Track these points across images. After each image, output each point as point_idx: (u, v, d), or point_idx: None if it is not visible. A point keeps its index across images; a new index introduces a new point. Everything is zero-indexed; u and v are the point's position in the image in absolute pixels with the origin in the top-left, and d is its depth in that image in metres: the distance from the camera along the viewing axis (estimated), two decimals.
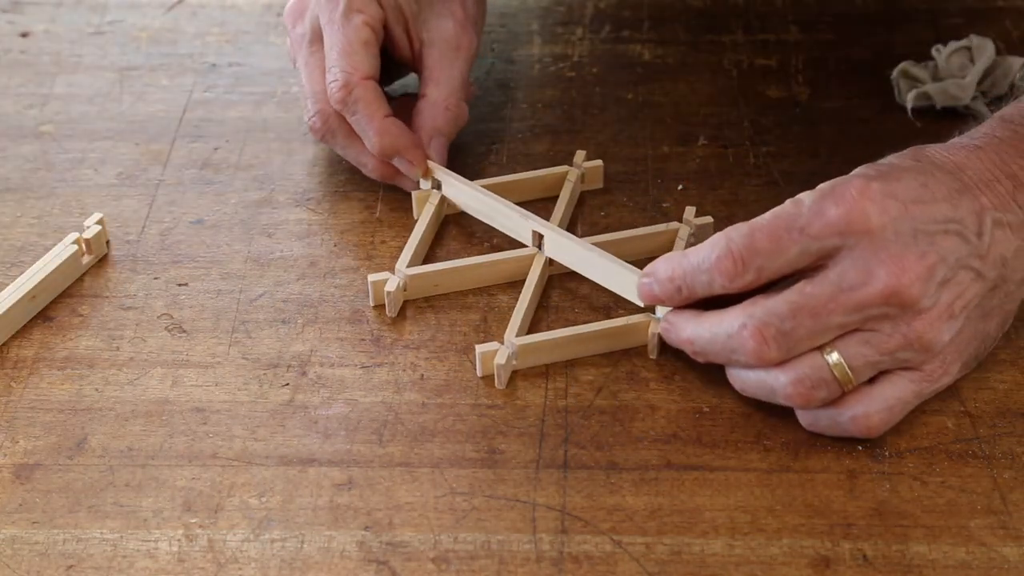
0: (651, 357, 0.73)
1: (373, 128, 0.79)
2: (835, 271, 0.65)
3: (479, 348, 0.72)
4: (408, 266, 0.76)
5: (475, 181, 0.80)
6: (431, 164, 0.81)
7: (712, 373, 0.72)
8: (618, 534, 0.65)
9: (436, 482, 0.67)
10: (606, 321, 0.73)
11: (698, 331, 0.68)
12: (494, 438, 0.69)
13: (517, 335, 0.72)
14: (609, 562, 0.63)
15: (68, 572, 0.63)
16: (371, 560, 0.64)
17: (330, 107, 0.80)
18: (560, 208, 0.80)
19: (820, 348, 0.66)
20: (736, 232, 0.66)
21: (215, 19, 0.99)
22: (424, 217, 0.79)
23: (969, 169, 0.67)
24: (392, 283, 0.75)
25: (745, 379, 0.68)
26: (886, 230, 0.64)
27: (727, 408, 0.70)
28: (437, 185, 0.81)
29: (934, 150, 0.68)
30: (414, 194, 0.81)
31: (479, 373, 0.72)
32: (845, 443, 0.68)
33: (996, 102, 0.87)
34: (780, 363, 0.66)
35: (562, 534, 0.65)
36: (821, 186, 0.66)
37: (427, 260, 0.78)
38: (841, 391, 0.66)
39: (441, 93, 0.81)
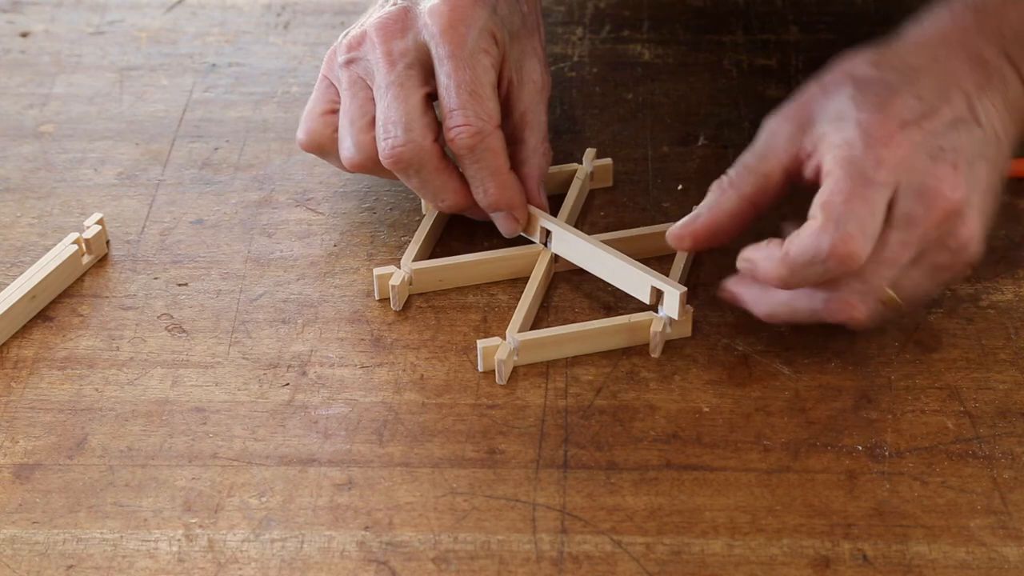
0: (653, 356, 0.73)
1: (496, 182, 0.75)
2: (901, 211, 0.68)
3: (481, 343, 0.72)
4: (413, 260, 0.76)
5: None
6: None
7: (712, 372, 0.72)
8: (618, 534, 0.65)
9: (436, 482, 0.67)
10: (608, 318, 0.73)
11: (807, 307, 0.70)
12: (494, 438, 0.69)
13: (519, 331, 0.72)
14: (609, 562, 0.63)
15: (68, 572, 0.63)
16: (371, 560, 0.64)
17: (427, 140, 0.74)
18: (568, 205, 0.80)
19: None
20: (831, 212, 0.67)
21: (215, 19, 0.99)
22: (431, 212, 0.79)
23: (942, 59, 0.70)
24: (397, 277, 0.75)
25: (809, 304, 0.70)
26: (920, 158, 0.68)
27: (727, 408, 0.70)
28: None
29: (905, 51, 0.72)
30: None
31: (480, 368, 0.72)
32: (845, 443, 0.68)
33: None
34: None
35: (562, 534, 0.65)
36: (848, 135, 0.68)
37: (433, 256, 0.78)
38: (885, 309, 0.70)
39: (538, 138, 0.78)
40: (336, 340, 0.74)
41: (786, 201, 0.72)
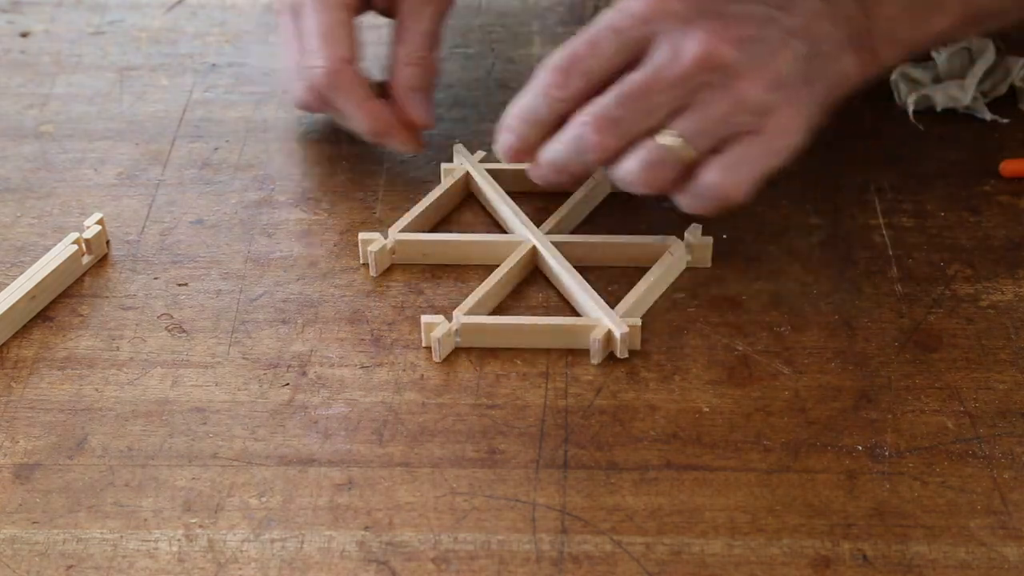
0: (593, 362, 0.72)
1: (361, 112, 0.80)
2: (652, 56, 0.69)
3: (424, 318, 0.73)
4: (402, 231, 0.78)
5: (501, 165, 0.80)
6: (460, 147, 0.83)
7: (712, 372, 0.72)
8: (618, 534, 0.65)
9: (436, 482, 0.67)
10: (550, 318, 0.73)
11: (553, 149, 0.72)
12: (494, 438, 0.69)
13: (468, 313, 0.73)
14: (609, 562, 0.63)
15: (68, 572, 0.63)
16: (371, 560, 0.64)
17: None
18: (569, 204, 0.79)
19: (654, 131, 0.69)
20: (558, 51, 0.71)
21: (215, 19, 0.99)
22: (440, 188, 0.80)
23: None
24: (377, 244, 0.77)
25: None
26: (691, 9, 0.68)
27: (727, 408, 0.70)
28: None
29: None
30: (443, 166, 0.82)
31: (423, 343, 0.73)
32: (845, 443, 0.68)
33: (996, 103, 0.88)
34: (622, 153, 0.70)
35: (562, 534, 0.65)
36: None
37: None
38: (683, 165, 0.69)
39: (405, 50, 0.82)
40: (336, 340, 0.74)
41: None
